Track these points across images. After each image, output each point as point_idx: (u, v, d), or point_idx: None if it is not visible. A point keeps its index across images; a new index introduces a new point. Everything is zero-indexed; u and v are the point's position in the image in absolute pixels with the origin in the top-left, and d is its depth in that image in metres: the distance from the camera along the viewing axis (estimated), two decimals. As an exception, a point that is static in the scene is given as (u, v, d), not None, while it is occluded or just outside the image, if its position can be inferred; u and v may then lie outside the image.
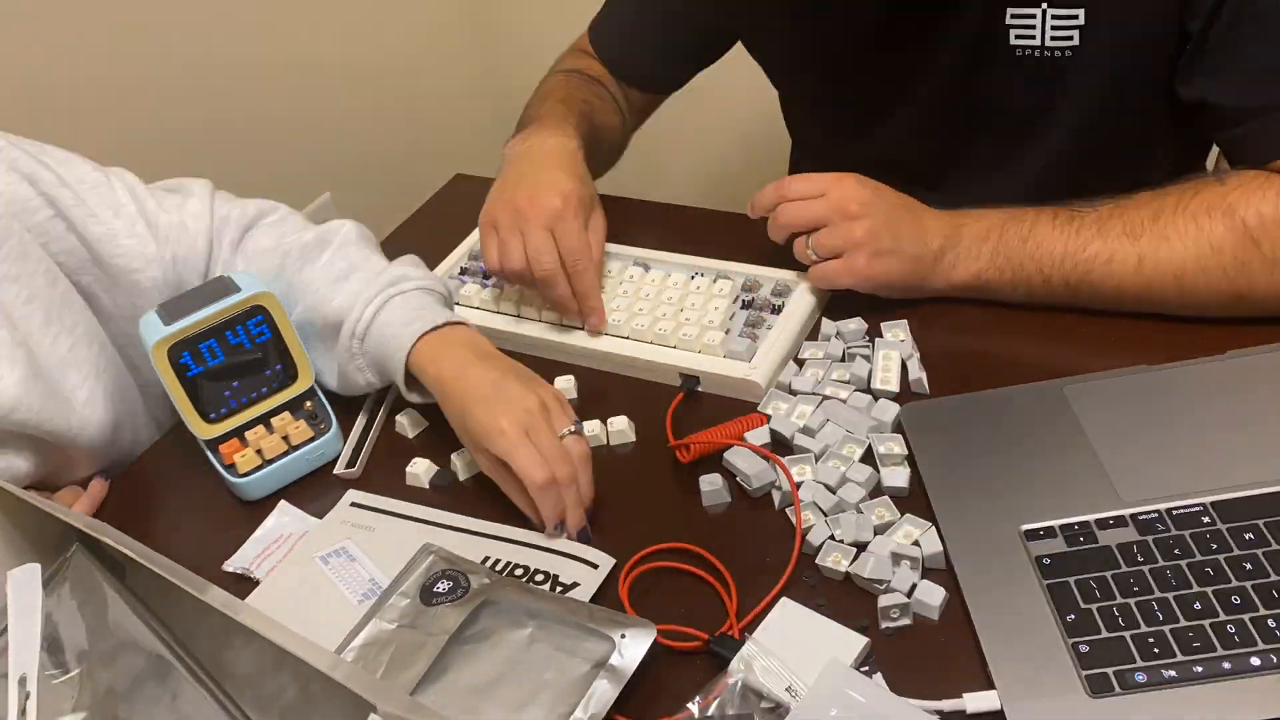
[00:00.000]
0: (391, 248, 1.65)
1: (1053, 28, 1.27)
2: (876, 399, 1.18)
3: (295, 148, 2.17)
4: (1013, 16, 1.28)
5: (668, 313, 1.33)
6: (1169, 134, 1.38)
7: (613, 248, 1.44)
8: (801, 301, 1.31)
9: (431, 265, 1.48)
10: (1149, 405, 1.10)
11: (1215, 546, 0.94)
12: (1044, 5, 1.26)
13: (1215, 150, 1.54)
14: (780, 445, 1.17)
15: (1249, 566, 0.92)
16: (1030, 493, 1.04)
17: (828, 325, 1.28)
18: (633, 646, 0.97)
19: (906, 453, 1.11)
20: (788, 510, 1.09)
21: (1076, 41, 1.27)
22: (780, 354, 1.26)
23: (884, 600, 0.97)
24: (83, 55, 1.76)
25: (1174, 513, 0.98)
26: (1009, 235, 1.23)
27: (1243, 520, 0.96)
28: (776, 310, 1.31)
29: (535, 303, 1.38)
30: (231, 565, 1.16)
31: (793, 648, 0.95)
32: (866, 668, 0.95)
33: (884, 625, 0.98)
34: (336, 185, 2.26)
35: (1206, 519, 0.97)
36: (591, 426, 1.23)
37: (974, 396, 1.17)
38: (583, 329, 1.34)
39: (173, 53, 1.91)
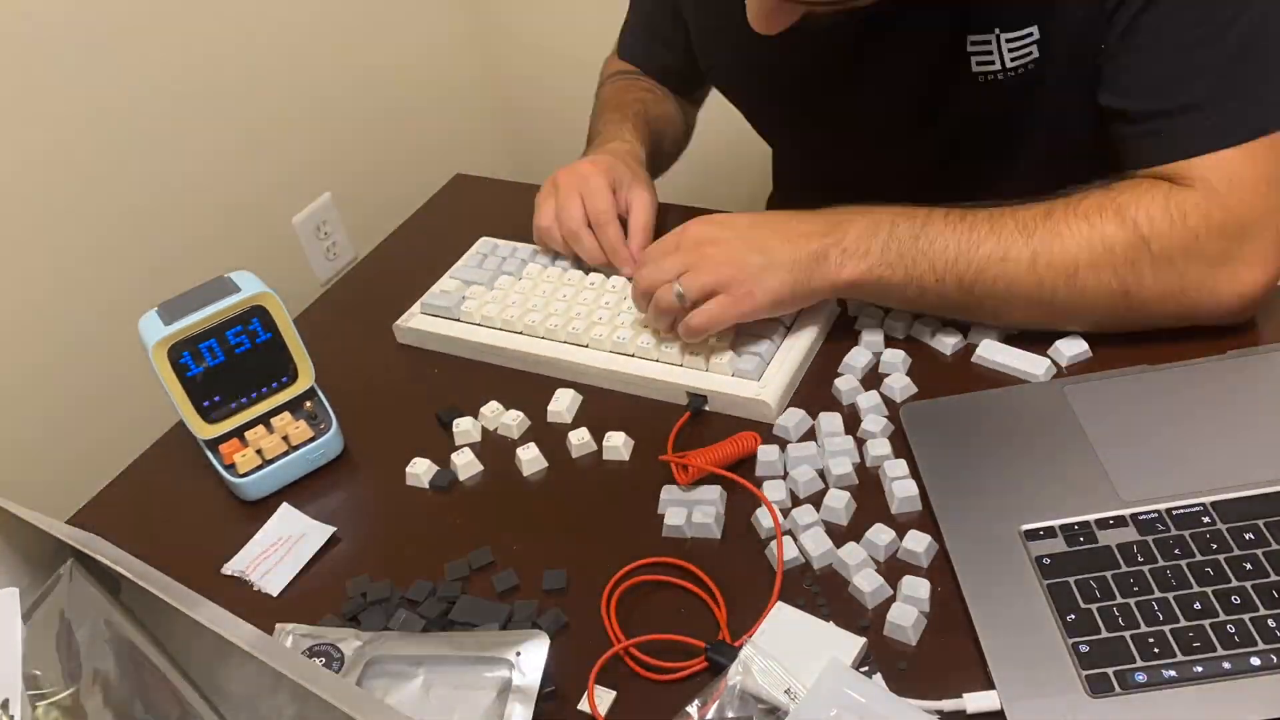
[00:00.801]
0: (392, 248, 1.66)
1: (1009, 50, 1.26)
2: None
3: (295, 148, 2.17)
4: (972, 43, 1.27)
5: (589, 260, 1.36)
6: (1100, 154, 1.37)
7: None
8: (811, 318, 1.29)
9: (432, 271, 1.48)
10: (1149, 405, 1.10)
11: (1215, 546, 0.94)
12: (996, 30, 1.25)
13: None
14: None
15: (1249, 566, 0.92)
16: (1030, 493, 1.03)
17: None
18: (530, 660, 0.97)
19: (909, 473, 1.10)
20: (770, 545, 1.08)
21: (1036, 55, 1.26)
22: (790, 372, 1.24)
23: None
24: (82, 55, 1.76)
25: (1174, 513, 0.98)
26: (899, 231, 1.19)
27: (1243, 520, 0.96)
28: (787, 327, 1.29)
29: (536, 318, 1.36)
30: (229, 569, 1.16)
31: (790, 651, 0.94)
32: (866, 668, 0.95)
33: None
34: (336, 185, 2.26)
35: (1206, 519, 0.96)
36: (579, 435, 1.23)
37: (974, 396, 1.16)
38: (586, 346, 1.33)
39: (172, 53, 1.90)
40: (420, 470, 1.23)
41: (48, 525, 0.93)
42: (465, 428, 1.27)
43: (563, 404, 1.28)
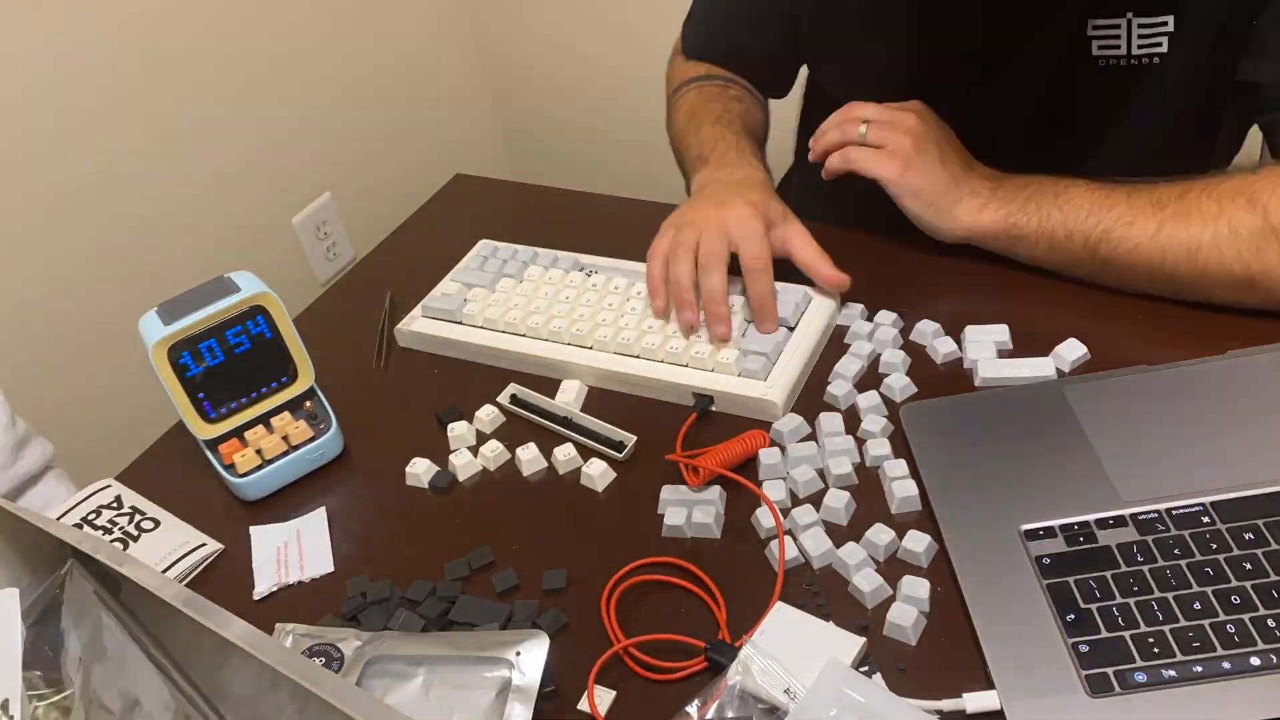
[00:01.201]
0: (392, 248, 1.66)
1: (1139, 36, 1.27)
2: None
3: (295, 148, 2.17)
4: (1094, 27, 1.28)
5: (680, 329, 1.30)
6: (1210, 141, 1.39)
7: (618, 262, 1.43)
8: (818, 313, 1.29)
9: (433, 270, 1.48)
10: (1149, 405, 1.10)
11: (1215, 546, 0.94)
12: (1129, 15, 1.25)
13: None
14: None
15: (1249, 566, 0.92)
16: (1030, 493, 1.03)
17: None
18: (530, 660, 0.96)
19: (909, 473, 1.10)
20: (770, 545, 1.08)
21: (1165, 48, 1.26)
22: (797, 371, 1.24)
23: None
24: (82, 55, 1.76)
25: (1174, 513, 0.98)
26: (1045, 188, 1.25)
27: (1242, 520, 0.95)
28: (791, 327, 1.28)
29: (539, 320, 1.36)
30: (261, 592, 1.15)
31: (789, 650, 0.94)
32: (865, 668, 0.95)
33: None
34: (336, 185, 2.26)
35: (1206, 519, 0.96)
36: (565, 451, 1.23)
37: (974, 396, 1.16)
38: (590, 348, 1.32)
39: (173, 54, 1.90)
40: (420, 470, 1.23)
41: (48, 525, 0.93)
42: (460, 431, 1.27)
43: (570, 394, 1.29)
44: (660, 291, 1.31)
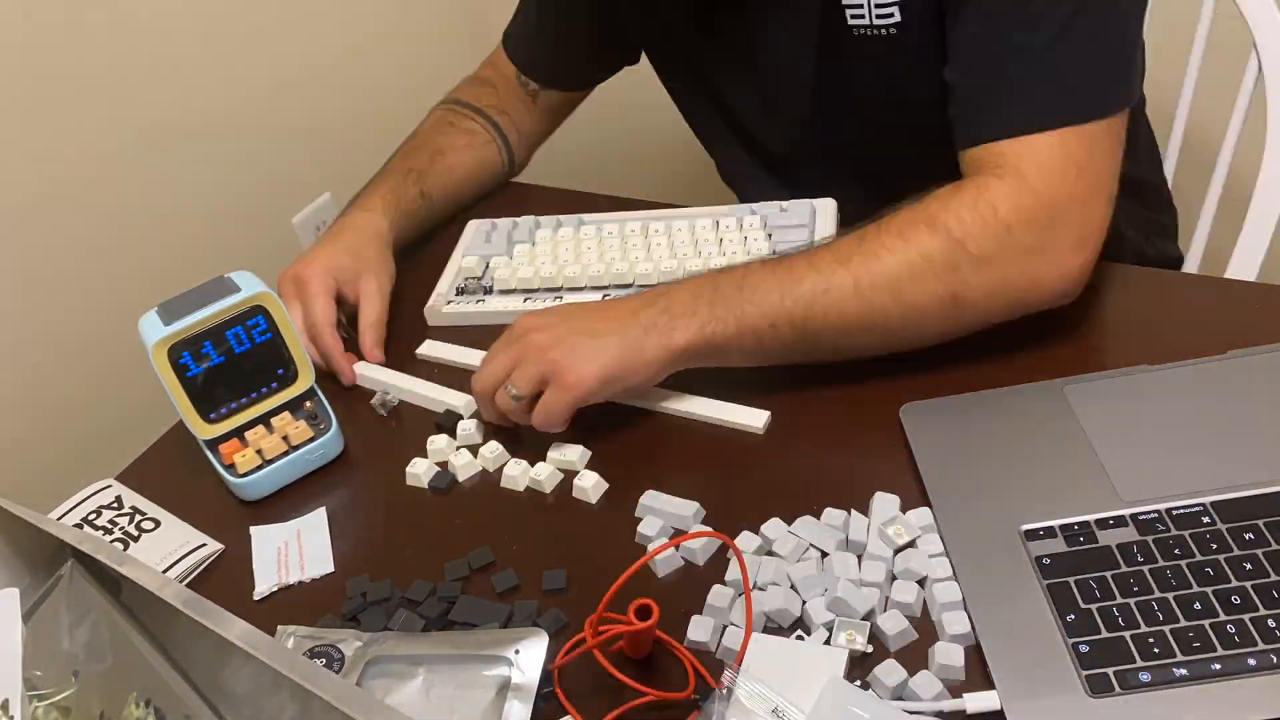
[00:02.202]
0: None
1: (876, 5, 1.27)
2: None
3: (295, 148, 2.17)
4: None
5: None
6: None
7: (618, 214, 1.47)
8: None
9: (427, 268, 1.48)
10: (1149, 405, 1.10)
11: (1215, 546, 0.94)
12: None
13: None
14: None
15: (1249, 566, 0.92)
16: (1030, 493, 1.03)
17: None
18: (529, 658, 0.97)
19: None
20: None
21: (898, 18, 1.27)
22: None
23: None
24: (83, 55, 1.76)
25: (1174, 513, 0.97)
26: (722, 287, 1.18)
27: (1243, 520, 0.95)
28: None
29: (575, 270, 1.39)
30: (261, 592, 1.15)
31: (776, 675, 0.93)
32: (858, 682, 0.94)
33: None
34: (336, 185, 2.26)
35: (1206, 519, 0.96)
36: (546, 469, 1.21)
37: (974, 396, 1.16)
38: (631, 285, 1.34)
39: (173, 53, 1.90)
40: (420, 470, 1.23)
41: (48, 525, 0.93)
42: (458, 437, 1.27)
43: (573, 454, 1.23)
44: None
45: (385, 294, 1.42)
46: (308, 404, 1.29)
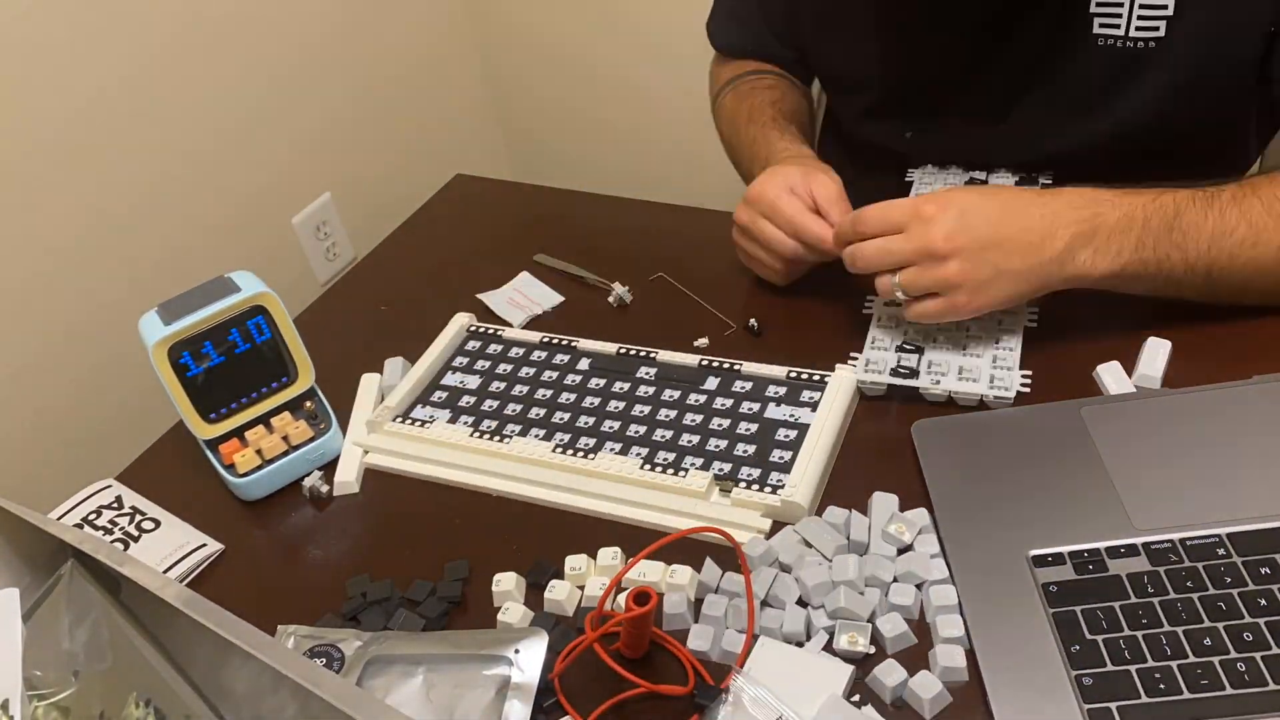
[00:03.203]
0: (391, 248, 1.66)
1: (1139, 18, 1.26)
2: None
3: (295, 148, 2.16)
4: (1097, 5, 1.27)
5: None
6: (1238, 130, 1.39)
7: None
8: (840, 391, 1.23)
9: (432, 270, 1.47)
10: (1168, 430, 1.08)
11: (1229, 580, 0.92)
12: None
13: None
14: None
15: (1263, 602, 0.90)
16: (1040, 517, 1.02)
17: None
18: (529, 657, 0.97)
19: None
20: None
21: (1162, 33, 1.25)
22: (820, 465, 1.14)
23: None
24: (83, 55, 1.75)
25: (1188, 543, 0.96)
26: (1154, 223, 1.15)
27: (1259, 554, 0.94)
28: (814, 407, 1.22)
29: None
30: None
31: (778, 683, 0.93)
32: (857, 697, 0.94)
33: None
34: (336, 185, 2.25)
35: (1221, 551, 0.95)
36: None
37: (988, 415, 1.15)
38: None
39: (173, 52, 1.89)
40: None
41: (48, 525, 0.92)
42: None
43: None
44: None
45: (839, 185, 1.33)
46: (308, 404, 1.28)
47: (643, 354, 1.32)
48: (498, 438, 1.24)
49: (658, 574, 1.06)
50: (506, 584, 1.08)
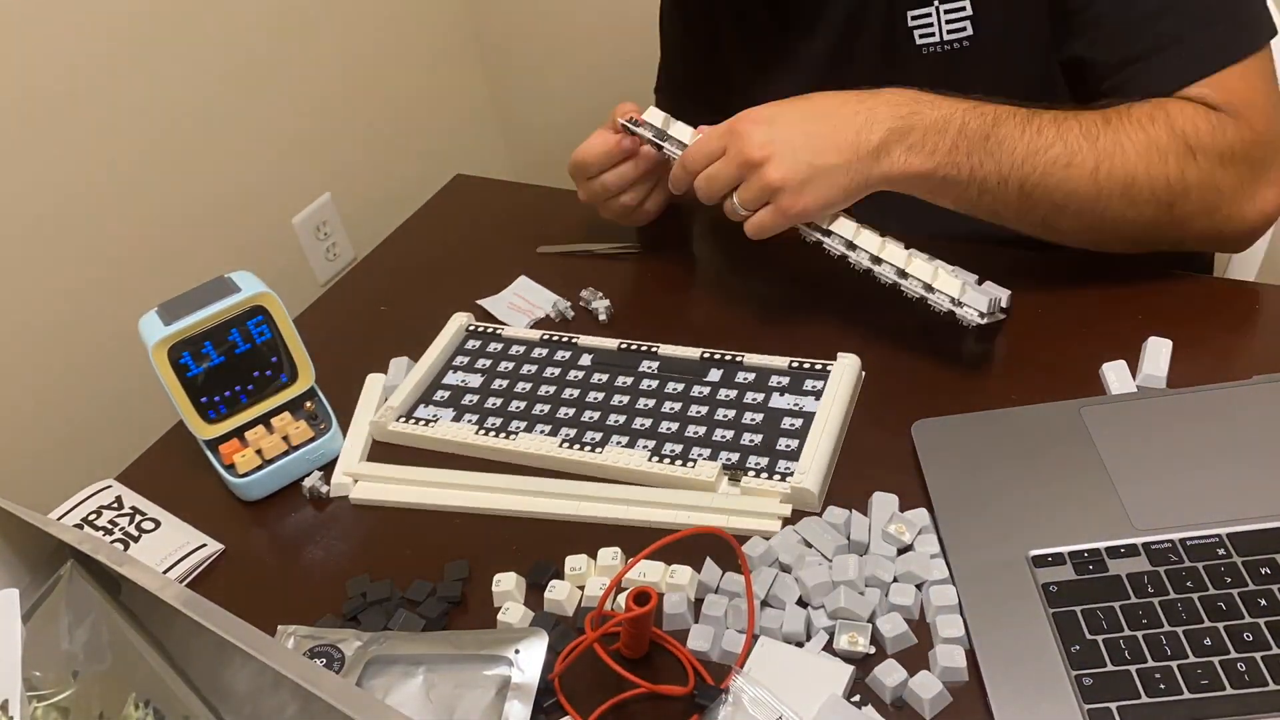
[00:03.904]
0: (392, 248, 1.66)
1: (947, 22, 1.30)
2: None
3: (295, 148, 2.16)
4: (913, 18, 1.31)
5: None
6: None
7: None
8: (845, 375, 1.23)
9: (431, 271, 1.46)
10: (1168, 430, 1.07)
11: (1230, 580, 0.92)
12: (935, 2, 1.29)
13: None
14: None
15: (1263, 602, 0.90)
16: (1040, 517, 1.02)
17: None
18: (529, 658, 0.97)
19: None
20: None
21: (970, 31, 1.30)
22: (828, 451, 1.15)
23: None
24: (83, 56, 1.75)
25: (1188, 543, 0.95)
26: (970, 129, 1.18)
27: (1259, 554, 0.93)
28: (817, 395, 1.22)
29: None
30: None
31: (779, 683, 0.93)
32: (857, 697, 0.94)
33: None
34: (336, 185, 2.25)
35: (1222, 551, 0.94)
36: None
37: (987, 415, 1.14)
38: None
39: (173, 53, 1.89)
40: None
41: (48, 525, 0.92)
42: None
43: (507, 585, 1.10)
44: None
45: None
46: (308, 404, 1.28)
47: (644, 348, 1.32)
48: (503, 434, 1.24)
49: (658, 574, 1.06)
50: (506, 584, 1.08)
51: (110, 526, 1.21)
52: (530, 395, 1.30)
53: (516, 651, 0.97)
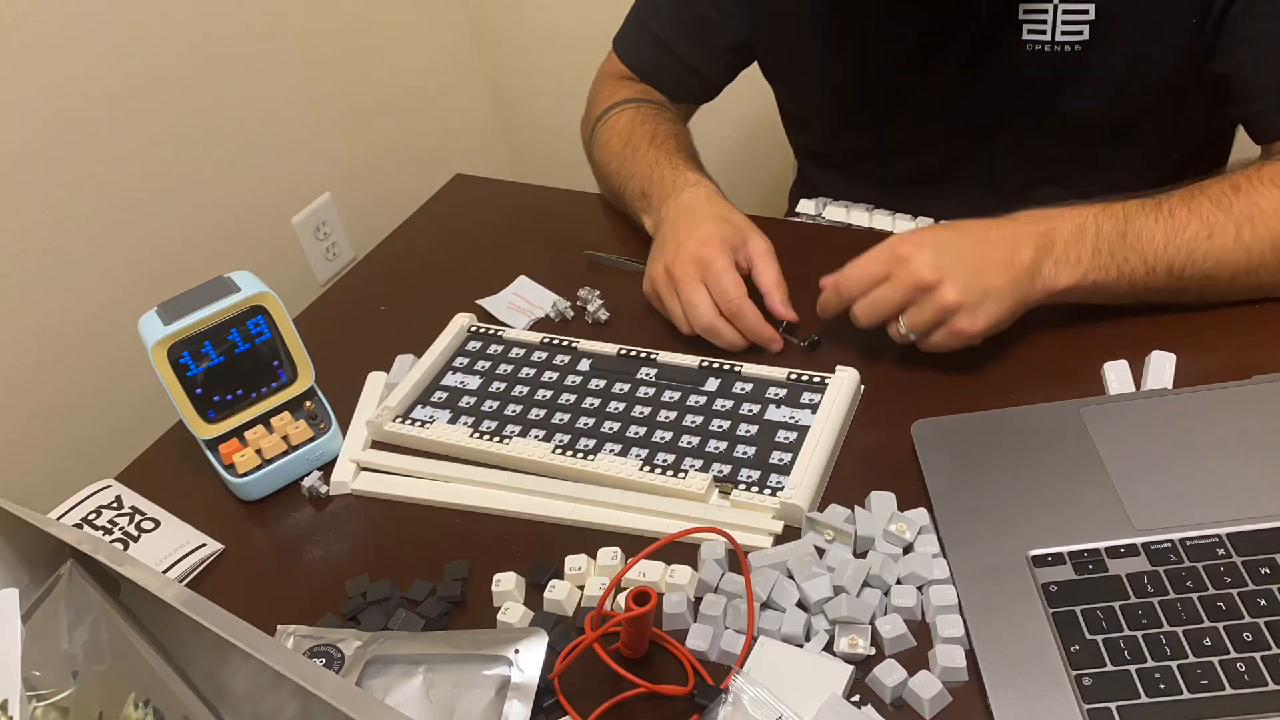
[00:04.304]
0: (392, 248, 1.65)
1: (1064, 22, 1.29)
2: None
3: (295, 148, 2.16)
4: (1025, 12, 1.30)
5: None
6: (1174, 124, 1.40)
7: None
8: (841, 391, 1.22)
9: (431, 271, 1.46)
10: (1168, 430, 1.07)
11: (1229, 580, 0.92)
12: (1055, 1, 1.28)
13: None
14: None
15: (1263, 602, 0.90)
16: (1040, 517, 1.02)
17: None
18: (529, 657, 0.97)
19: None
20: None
21: (1086, 36, 1.29)
22: (820, 467, 1.13)
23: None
24: (82, 55, 1.75)
25: (1188, 543, 0.96)
26: (1105, 231, 1.19)
27: (1259, 554, 0.93)
28: (814, 408, 1.22)
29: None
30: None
31: (779, 683, 0.93)
32: (857, 696, 0.94)
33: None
34: (336, 185, 2.25)
35: (1221, 551, 0.94)
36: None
37: (988, 415, 1.14)
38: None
39: (172, 52, 1.89)
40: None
41: (48, 525, 0.92)
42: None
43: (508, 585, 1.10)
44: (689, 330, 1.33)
45: (773, 252, 1.35)
46: (307, 404, 1.28)
47: (643, 355, 1.31)
48: (497, 438, 1.24)
49: (657, 574, 1.06)
50: (506, 584, 1.08)
51: (110, 526, 1.21)
52: (527, 399, 1.30)
53: (516, 651, 0.97)
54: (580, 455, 1.20)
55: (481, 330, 1.40)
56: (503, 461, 1.23)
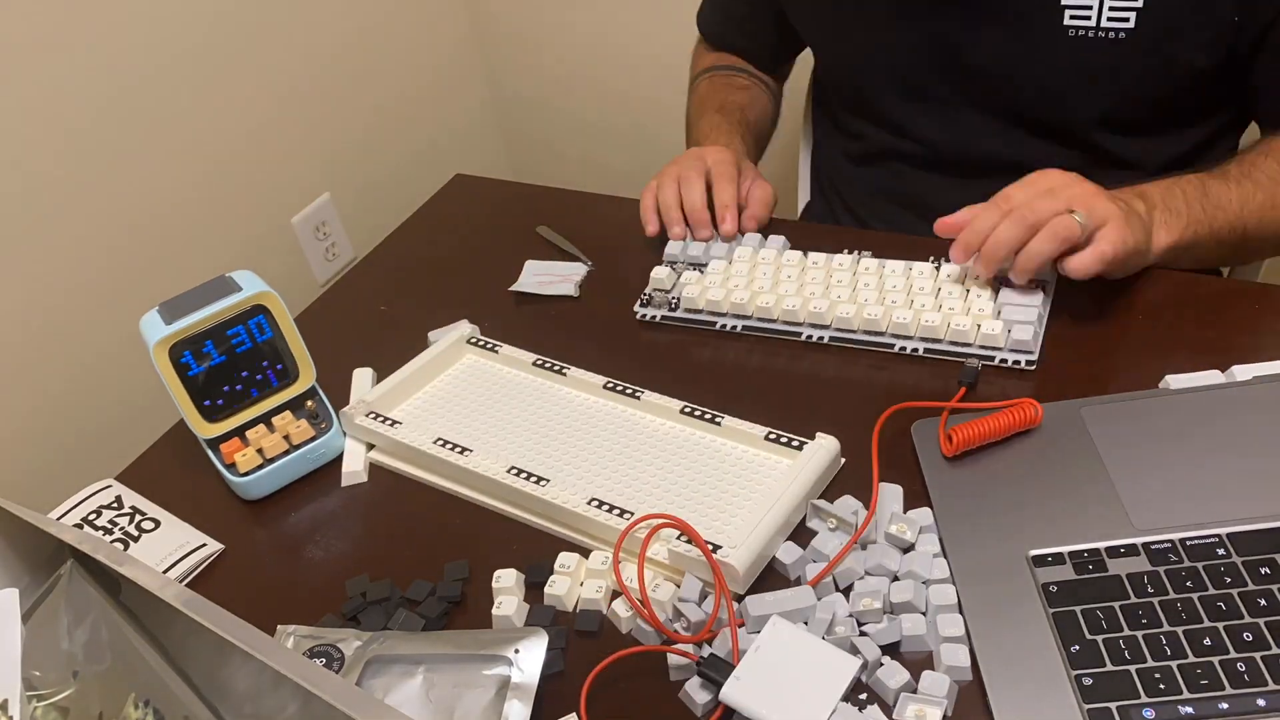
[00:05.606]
0: (392, 248, 1.65)
1: (1110, 8, 1.29)
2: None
3: (295, 148, 2.16)
4: None
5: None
6: (1198, 113, 1.43)
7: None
8: (811, 461, 1.16)
9: (431, 271, 1.46)
10: (1168, 430, 1.07)
11: (1229, 580, 0.92)
12: None
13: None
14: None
15: (1263, 602, 0.90)
16: (1040, 517, 1.02)
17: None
18: (529, 657, 0.97)
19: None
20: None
21: (1131, 25, 1.29)
22: (765, 535, 1.05)
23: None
24: (82, 55, 1.75)
25: (1188, 543, 0.96)
26: (1190, 193, 1.25)
27: (1259, 554, 0.93)
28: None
29: (769, 300, 1.33)
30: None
31: (784, 670, 0.92)
32: (864, 695, 0.93)
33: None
34: (336, 185, 2.25)
35: (1221, 551, 0.94)
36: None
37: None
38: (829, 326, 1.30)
39: (172, 52, 1.89)
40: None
41: (48, 525, 0.92)
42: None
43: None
44: (651, 219, 1.46)
45: (736, 178, 1.45)
46: (309, 403, 1.28)
47: (628, 390, 1.27)
48: (459, 450, 1.22)
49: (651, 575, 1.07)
50: (506, 580, 1.08)
51: (110, 526, 1.21)
52: (500, 416, 1.29)
53: (516, 651, 0.97)
54: (533, 480, 1.16)
55: (480, 342, 1.38)
56: (460, 475, 1.21)
